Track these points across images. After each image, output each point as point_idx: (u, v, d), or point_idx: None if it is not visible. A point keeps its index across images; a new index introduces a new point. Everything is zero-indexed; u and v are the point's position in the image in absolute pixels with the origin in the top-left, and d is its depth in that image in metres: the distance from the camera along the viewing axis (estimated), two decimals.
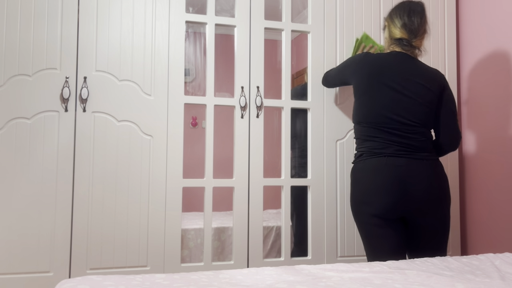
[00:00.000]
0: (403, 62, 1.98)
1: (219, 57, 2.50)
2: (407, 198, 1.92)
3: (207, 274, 1.35)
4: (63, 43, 2.12)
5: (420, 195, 1.92)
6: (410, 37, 1.97)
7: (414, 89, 1.94)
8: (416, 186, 1.92)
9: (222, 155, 2.84)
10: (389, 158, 1.93)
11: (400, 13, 1.99)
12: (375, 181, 1.93)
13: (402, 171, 1.91)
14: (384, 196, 1.92)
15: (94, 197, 2.11)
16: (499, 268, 1.50)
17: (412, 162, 1.93)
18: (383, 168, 1.93)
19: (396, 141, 1.94)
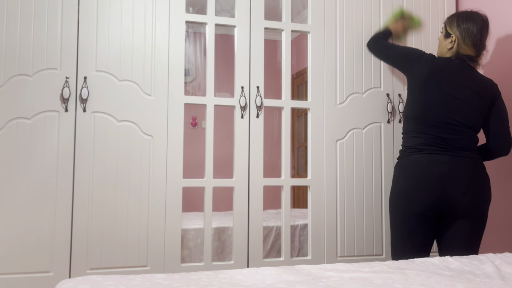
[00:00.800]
0: (462, 69, 2.08)
1: (219, 57, 2.50)
2: (447, 196, 1.99)
3: (207, 274, 1.35)
4: (63, 43, 2.12)
5: (459, 193, 1.98)
6: (477, 55, 2.08)
7: (466, 93, 2.04)
8: (457, 184, 1.98)
9: (222, 155, 2.84)
10: (432, 155, 2.02)
11: (471, 28, 2.05)
12: (418, 177, 2.03)
13: (444, 168, 1.99)
14: (425, 193, 2.00)
15: (94, 197, 2.11)
16: (499, 268, 1.50)
17: (454, 160, 2.00)
18: (426, 165, 2.02)
19: (441, 137, 2.03)
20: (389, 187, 2.50)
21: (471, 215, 2.01)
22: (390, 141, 2.53)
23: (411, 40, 2.60)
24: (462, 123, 2.03)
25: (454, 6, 2.71)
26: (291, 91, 2.46)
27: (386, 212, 2.50)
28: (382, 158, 2.51)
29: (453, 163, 1.99)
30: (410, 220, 2.04)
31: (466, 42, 2.05)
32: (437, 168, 2.00)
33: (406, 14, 2.49)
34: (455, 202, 1.99)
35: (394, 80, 2.56)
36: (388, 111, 2.52)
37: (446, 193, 1.99)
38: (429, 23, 2.65)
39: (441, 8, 2.68)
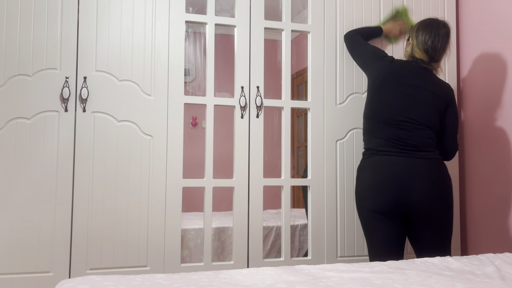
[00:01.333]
0: (419, 71, 2.13)
1: (219, 57, 2.50)
2: (406, 197, 2.00)
3: (207, 274, 1.35)
4: (63, 43, 2.12)
5: (419, 194, 1.99)
6: (429, 61, 2.13)
7: (422, 93, 2.08)
8: (416, 186, 1.99)
9: (222, 155, 2.84)
10: (390, 157, 2.04)
11: (426, 34, 2.12)
12: (375, 178, 2.05)
13: (402, 169, 2.01)
14: (383, 193, 2.02)
15: (94, 197, 2.11)
16: (499, 268, 1.50)
17: (412, 161, 2.01)
18: (384, 166, 2.04)
19: (398, 137, 2.05)
20: None
21: (433, 216, 2.01)
22: None
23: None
24: (418, 121, 2.05)
25: (454, 6, 2.71)
26: (291, 91, 2.46)
27: None
28: None
29: (411, 164, 2.01)
30: (371, 218, 2.07)
31: (419, 47, 2.14)
32: (395, 169, 2.01)
33: (405, 16, 2.50)
34: (414, 203, 1.99)
35: None
36: None
37: (405, 194, 1.99)
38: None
39: (441, 8, 2.68)
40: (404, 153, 2.03)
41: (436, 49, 2.11)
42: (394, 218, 2.04)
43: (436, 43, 2.11)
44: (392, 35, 2.52)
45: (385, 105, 2.09)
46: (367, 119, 2.17)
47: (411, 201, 1.99)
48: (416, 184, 1.98)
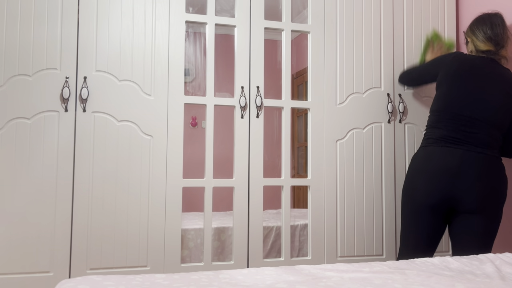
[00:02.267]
0: (489, 65, 2.10)
1: (219, 57, 2.50)
2: (454, 190, 1.99)
3: (207, 274, 1.35)
4: (63, 43, 2.12)
5: (466, 189, 1.97)
6: (497, 48, 2.10)
7: (493, 91, 2.04)
8: (465, 180, 1.98)
9: (222, 155, 2.84)
10: (446, 148, 2.03)
11: (482, 27, 2.11)
12: (429, 169, 2.04)
13: (455, 161, 1.99)
14: (434, 185, 2.01)
15: (94, 197, 2.11)
16: (499, 268, 1.50)
17: (467, 154, 1.99)
18: (438, 156, 2.03)
19: (460, 130, 2.03)
20: (389, 187, 2.50)
21: (478, 212, 1.99)
22: (390, 141, 2.53)
23: None
24: (485, 120, 2.02)
25: (454, 6, 2.71)
26: (291, 91, 2.46)
27: (386, 212, 2.50)
28: (382, 158, 2.51)
29: (465, 157, 1.98)
30: (419, 210, 2.06)
31: (480, 39, 2.11)
32: (448, 161, 2.00)
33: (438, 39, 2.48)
34: (460, 197, 1.98)
35: (395, 80, 2.56)
36: (388, 111, 2.52)
37: (453, 187, 1.98)
38: (429, 23, 2.65)
39: (441, 8, 2.68)
40: (461, 146, 2.00)
41: (498, 34, 2.09)
42: (439, 213, 2.04)
43: (496, 29, 2.09)
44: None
45: (451, 99, 2.07)
46: (432, 113, 2.15)
47: (457, 194, 1.98)
48: (465, 178, 1.97)
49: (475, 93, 2.05)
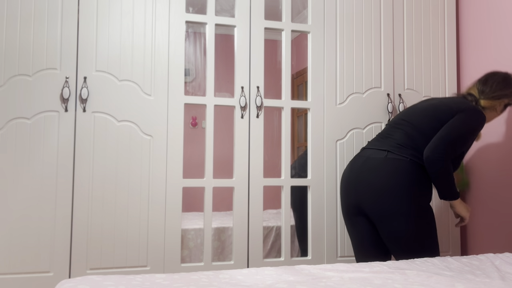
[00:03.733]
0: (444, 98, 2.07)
1: (219, 57, 2.50)
2: (358, 195, 1.96)
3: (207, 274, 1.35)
4: (63, 43, 2.12)
5: (363, 194, 1.93)
6: (480, 96, 2.06)
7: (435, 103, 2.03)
8: (363, 184, 1.94)
9: (222, 155, 2.84)
10: (357, 154, 2.08)
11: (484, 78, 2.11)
12: (343, 175, 2.10)
13: (358, 166, 2.00)
14: (343, 190, 2.05)
15: (94, 197, 2.11)
16: (499, 268, 1.50)
17: (370, 158, 1.96)
18: (350, 163, 2.08)
19: (382, 136, 2.05)
20: None
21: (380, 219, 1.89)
22: None
23: None
24: (408, 121, 2.01)
25: (454, 6, 2.71)
26: (291, 91, 2.46)
27: None
28: None
29: (367, 162, 1.95)
30: (344, 218, 2.10)
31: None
32: (353, 168, 2.01)
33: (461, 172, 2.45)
34: (362, 204, 1.95)
35: (395, 80, 2.56)
36: (388, 111, 2.52)
37: (356, 194, 1.97)
38: (429, 23, 2.65)
39: (441, 8, 2.68)
40: (370, 150, 2.00)
41: (486, 85, 2.06)
42: (356, 219, 2.01)
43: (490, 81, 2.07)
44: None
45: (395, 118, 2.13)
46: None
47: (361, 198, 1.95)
48: (363, 180, 1.94)
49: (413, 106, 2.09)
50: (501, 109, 2.10)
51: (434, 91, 2.63)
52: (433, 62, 2.64)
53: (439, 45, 2.66)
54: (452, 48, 2.68)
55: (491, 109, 2.07)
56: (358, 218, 2.01)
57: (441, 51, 2.66)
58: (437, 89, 2.63)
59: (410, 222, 1.85)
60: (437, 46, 2.65)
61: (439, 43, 2.66)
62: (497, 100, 2.05)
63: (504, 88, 2.06)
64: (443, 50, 2.67)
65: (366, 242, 2.01)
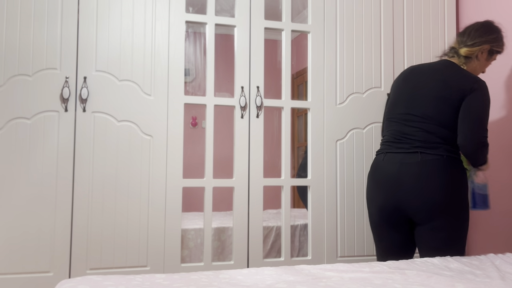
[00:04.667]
0: (428, 65, 2.01)
1: (219, 57, 2.50)
2: (397, 199, 1.88)
3: (207, 274, 1.35)
4: (63, 43, 2.12)
5: (405, 197, 1.86)
6: (459, 46, 1.99)
7: (430, 84, 1.93)
8: (404, 187, 1.86)
9: (222, 155, 2.84)
10: (387, 155, 1.95)
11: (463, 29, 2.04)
12: (374, 179, 1.98)
13: (395, 168, 1.89)
14: (379, 196, 1.93)
15: (94, 197, 2.11)
16: (499, 268, 1.50)
17: (406, 158, 1.88)
18: (381, 165, 1.96)
19: (401, 132, 1.94)
20: None
21: (422, 220, 1.85)
22: None
23: None
24: (421, 115, 1.90)
25: (454, 6, 2.71)
26: (291, 91, 2.46)
27: None
28: None
29: (404, 163, 1.87)
30: (373, 223, 2.01)
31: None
32: (389, 169, 1.91)
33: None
34: (404, 206, 1.86)
35: None
36: None
37: (396, 196, 1.88)
38: (429, 23, 2.65)
39: (441, 8, 2.68)
40: (401, 149, 1.90)
41: (465, 34, 1.99)
42: (398, 223, 1.92)
43: (471, 29, 1.99)
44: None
45: (393, 104, 2.02)
46: (383, 122, 2.11)
47: (401, 203, 1.87)
48: (404, 185, 1.85)
49: (413, 91, 1.96)
50: (485, 57, 1.99)
51: None
52: (432, 61, 2.63)
53: (439, 45, 2.66)
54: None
55: (474, 59, 1.97)
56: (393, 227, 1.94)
57: (441, 51, 2.66)
58: None
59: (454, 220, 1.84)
60: (437, 46, 2.65)
61: (439, 43, 2.66)
62: (477, 47, 1.96)
63: (483, 34, 1.97)
64: (443, 50, 2.66)
65: (395, 249, 1.96)
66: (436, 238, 1.84)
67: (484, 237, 2.52)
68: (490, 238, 2.48)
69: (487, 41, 1.97)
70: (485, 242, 2.51)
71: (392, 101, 2.04)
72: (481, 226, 2.55)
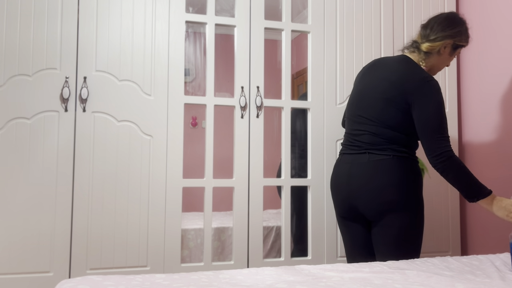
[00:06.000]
0: (383, 60, 1.95)
1: (219, 57, 2.50)
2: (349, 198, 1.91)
3: (207, 274, 1.35)
4: (63, 43, 2.12)
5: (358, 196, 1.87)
6: (421, 40, 1.91)
7: (376, 83, 1.89)
8: (354, 186, 1.88)
9: (222, 155, 2.84)
10: (343, 156, 1.99)
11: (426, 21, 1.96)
12: (332, 181, 2.03)
13: (347, 168, 1.93)
14: (337, 193, 1.97)
15: (94, 197, 2.11)
16: (499, 268, 1.50)
17: (356, 159, 1.90)
18: (337, 166, 2.00)
19: (351, 134, 1.96)
20: None
21: (374, 218, 1.86)
22: None
23: None
24: (368, 117, 1.88)
25: (454, 6, 2.71)
26: (291, 91, 2.46)
27: None
28: None
29: (354, 163, 1.89)
30: (337, 221, 2.07)
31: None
32: (342, 170, 1.94)
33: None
34: (357, 205, 1.88)
35: None
36: None
37: (349, 195, 1.90)
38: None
39: (441, 8, 2.68)
40: (352, 150, 1.93)
41: (428, 24, 1.90)
42: (352, 222, 1.96)
43: (432, 20, 1.91)
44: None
45: (348, 104, 2.02)
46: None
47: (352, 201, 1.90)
48: (354, 184, 1.88)
49: (361, 92, 1.94)
50: (448, 51, 1.92)
51: None
52: None
53: None
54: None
55: (434, 54, 1.90)
56: (353, 223, 1.98)
57: None
58: None
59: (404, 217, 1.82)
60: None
61: None
62: (439, 41, 1.87)
63: (446, 28, 1.88)
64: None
65: (358, 245, 1.99)
66: (387, 235, 1.84)
67: (484, 237, 2.52)
68: (490, 238, 2.48)
69: (450, 36, 1.89)
70: (485, 242, 2.51)
71: (350, 99, 2.03)
72: (481, 226, 2.55)
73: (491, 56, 2.51)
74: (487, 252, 2.48)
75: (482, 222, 2.54)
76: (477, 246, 2.57)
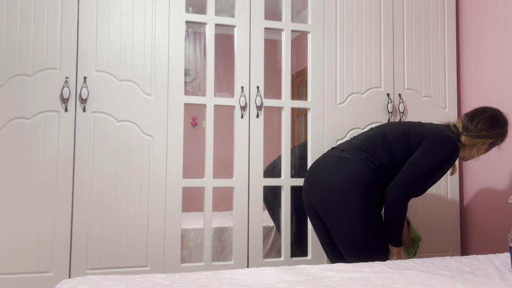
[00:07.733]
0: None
1: (219, 57, 2.50)
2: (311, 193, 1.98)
3: (207, 274, 1.35)
4: (63, 43, 2.12)
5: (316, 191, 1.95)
6: (462, 131, 1.96)
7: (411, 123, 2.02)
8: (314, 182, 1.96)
9: (222, 155, 2.84)
10: (327, 151, 2.08)
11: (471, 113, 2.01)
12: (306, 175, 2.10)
13: (318, 160, 2.02)
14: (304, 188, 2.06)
15: (94, 197, 2.11)
16: (499, 268, 1.50)
17: (331, 152, 2.00)
18: (312, 164, 2.07)
19: (357, 135, 2.07)
20: None
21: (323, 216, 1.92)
22: None
23: None
24: (380, 128, 2.01)
25: (454, 6, 2.71)
26: (291, 91, 2.46)
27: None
28: None
29: (326, 156, 1.99)
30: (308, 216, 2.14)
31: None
32: (312, 168, 2.03)
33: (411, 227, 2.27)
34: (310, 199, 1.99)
35: (395, 80, 2.56)
36: (388, 111, 2.52)
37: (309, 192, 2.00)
38: (429, 23, 2.65)
39: (441, 8, 2.68)
40: (331, 152, 2.01)
41: (473, 119, 1.96)
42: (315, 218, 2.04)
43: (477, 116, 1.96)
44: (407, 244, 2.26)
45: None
46: None
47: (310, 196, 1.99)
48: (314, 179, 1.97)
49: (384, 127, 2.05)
50: (485, 148, 1.99)
51: (434, 91, 2.63)
52: (433, 62, 2.64)
53: (439, 45, 2.66)
54: (452, 48, 2.68)
55: (471, 147, 1.98)
56: (315, 218, 2.04)
57: (441, 51, 2.66)
58: (437, 89, 2.64)
59: (355, 222, 1.85)
60: (437, 46, 2.66)
61: (439, 43, 2.66)
62: (480, 139, 1.95)
63: (490, 128, 1.95)
64: (443, 50, 2.67)
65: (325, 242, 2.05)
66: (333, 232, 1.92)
67: (484, 237, 2.52)
68: (490, 238, 2.48)
69: (492, 136, 1.96)
70: (485, 242, 2.51)
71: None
72: (480, 226, 2.55)
73: (491, 57, 2.51)
74: (487, 252, 2.48)
75: (482, 222, 2.54)
76: (477, 246, 2.57)
